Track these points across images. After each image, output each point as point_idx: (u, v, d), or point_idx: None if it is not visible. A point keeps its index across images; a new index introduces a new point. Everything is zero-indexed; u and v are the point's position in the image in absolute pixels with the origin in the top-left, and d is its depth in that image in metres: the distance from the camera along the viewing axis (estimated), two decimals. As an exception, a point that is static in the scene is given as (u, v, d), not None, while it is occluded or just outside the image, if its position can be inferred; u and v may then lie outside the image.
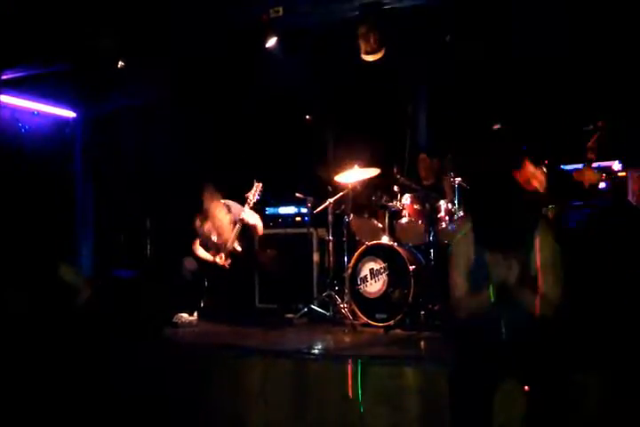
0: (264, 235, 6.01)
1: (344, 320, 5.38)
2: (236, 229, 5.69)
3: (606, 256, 3.89)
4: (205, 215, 5.77)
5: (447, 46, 5.62)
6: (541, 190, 4.38)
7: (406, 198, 5.45)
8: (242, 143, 7.10)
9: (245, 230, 5.77)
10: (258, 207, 5.88)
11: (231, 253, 5.70)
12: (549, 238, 3.02)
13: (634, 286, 3.82)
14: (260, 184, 5.75)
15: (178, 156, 7.43)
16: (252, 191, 5.75)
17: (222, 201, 5.80)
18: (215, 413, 4.15)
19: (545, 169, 4.41)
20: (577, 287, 3.44)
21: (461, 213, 5.25)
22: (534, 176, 4.40)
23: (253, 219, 5.77)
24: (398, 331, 4.98)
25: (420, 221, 5.36)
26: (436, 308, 5.01)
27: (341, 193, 5.78)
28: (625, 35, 5.18)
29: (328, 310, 5.61)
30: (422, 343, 4.50)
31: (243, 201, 5.77)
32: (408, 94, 6.36)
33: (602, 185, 4.86)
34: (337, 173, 5.69)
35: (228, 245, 5.69)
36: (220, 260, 5.67)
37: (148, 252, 6.96)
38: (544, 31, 5.34)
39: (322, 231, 6.23)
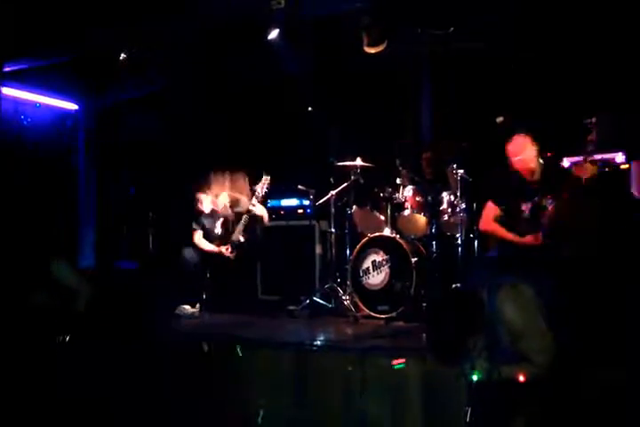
0: (266, 227, 6.01)
1: (346, 312, 5.40)
2: (243, 221, 5.69)
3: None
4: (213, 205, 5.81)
5: (450, 37, 5.60)
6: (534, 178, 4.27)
7: (408, 190, 5.44)
8: (244, 135, 7.09)
9: (250, 222, 5.77)
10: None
11: (234, 245, 5.70)
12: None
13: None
14: (269, 177, 5.74)
15: (180, 147, 7.43)
16: (261, 184, 5.74)
17: (231, 193, 5.80)
18: (216, 404, 4.16)
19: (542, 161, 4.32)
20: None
21: (464, 206, 5.23)
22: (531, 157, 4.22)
23: (260, 210, 5.78)
24: (400, 323, 4.99)
25: (422, 214, 5.36)
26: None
27: (344, 185, 5.78)
28: (627, 26, 5.16)
29: (330, 302, 5.61)
30: (424, 335, 4.49)
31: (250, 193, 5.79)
32: (411, 86, 6.35)
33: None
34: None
35: (234, 236, 5.69)
36: (226, 251, 5.67)
37: (151, 244, 6.96)
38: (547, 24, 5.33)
39: (324, 223, 6.24)
